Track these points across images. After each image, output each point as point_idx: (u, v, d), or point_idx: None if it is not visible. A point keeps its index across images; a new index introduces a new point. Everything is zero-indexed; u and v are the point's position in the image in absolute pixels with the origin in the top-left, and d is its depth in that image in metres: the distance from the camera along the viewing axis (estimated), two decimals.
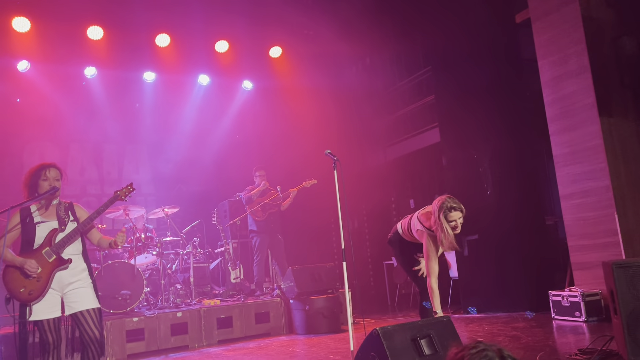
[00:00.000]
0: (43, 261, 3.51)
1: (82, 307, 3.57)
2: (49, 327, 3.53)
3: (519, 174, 6.79)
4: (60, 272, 3.57)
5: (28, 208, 3.64)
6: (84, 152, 9.46)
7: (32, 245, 3.54)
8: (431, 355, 3.50)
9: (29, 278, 3.46)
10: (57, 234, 3.59)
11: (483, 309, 6.87)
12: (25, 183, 3.64)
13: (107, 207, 3.80)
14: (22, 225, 3.57)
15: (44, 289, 3.48)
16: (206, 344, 6.26)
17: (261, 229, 7.54)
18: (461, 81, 7.30)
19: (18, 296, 3.44)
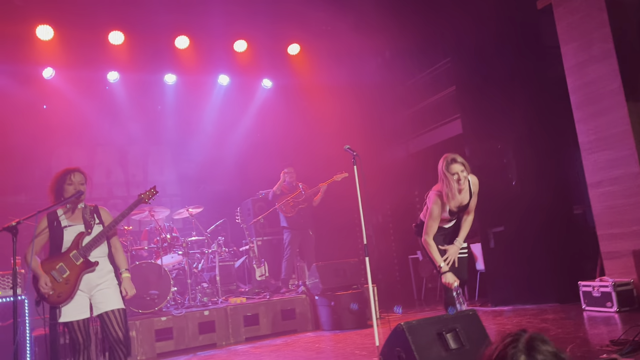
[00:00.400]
0: (71, 264, 3.60)
1: (107, 308, 3.66)
2: (79, 327, 3.62)
3: (544, 163, 6.65)
4: (88, 274, 3.65)
5: (55, 212, 3.73)
6: (109, 155, 9.63)
7: (60, 248, 3.64)
8: (457, 349, 3.47)
9: (60, 280, 3.55)
10: (83, 237, 3.68)
11: (511, 301, 6.77)
12: (52, 188, 3.73)
13: (131, 210, 3.87)
14: (50, 229, 3.67)
15: (72, 291, 3.57)
16: (233, 342, 6.32)
17: (292, 225, 7.57)
18: (482, 71, 7.19)
19: (47, 299, 3.54)
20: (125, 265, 3.92)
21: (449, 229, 4.28)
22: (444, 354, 3.42)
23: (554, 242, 6.46)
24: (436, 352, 3.41)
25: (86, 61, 8.05)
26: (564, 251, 6.42)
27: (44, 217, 3.69)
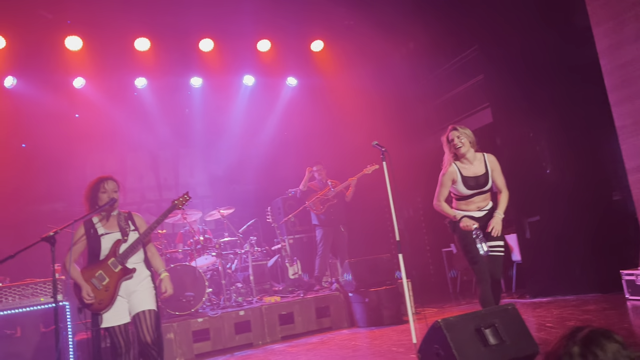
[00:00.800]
0: (110, 271, 3.69)
1: (140, 309, 3.75)
2: (120, 332, 3.70)
3: (580, 149, 6.45)
4: (126, 280, 3.73)
5: (90, 220, 3.81)
6: (140, 160, 9.80)
7: (98, 256, 3.73)
8: (497, 344, 3.40)
9: (100, 288, 3.64)
10: (120, 245, 3.76)
11: (550, 292, 6.61)
12: (86, 197, 3.82)
13: (165, 217, 3.95)
14: (87, 238, 3.76)
15: (112, 298, 3.65)
16: (270, 341, 6.35)
17: (322, 222, 7.55)
18: (511, 57, 7.02)
19: (89, 306, 3.63)
20: (163, 267, 4.08)
21: (481, 219, 4.17)
22: (483, 350, 3.36)
23: (594, 230, 6.27)
24: (475, 348, 3.35)
25: (114, 69, 8.21)
26: (604, 239, 6.22)
27: (80, 226, 3.79)
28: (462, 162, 4.19)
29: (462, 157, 4.17)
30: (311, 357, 5.04)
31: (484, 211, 4.21)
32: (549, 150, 6.65)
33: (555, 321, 4.91)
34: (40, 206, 8.53)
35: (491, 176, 4.20)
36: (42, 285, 5.52)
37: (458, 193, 4.23)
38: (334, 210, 7.56)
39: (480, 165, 4.19)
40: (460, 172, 4.17)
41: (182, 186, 9.97)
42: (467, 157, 4.18)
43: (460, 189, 4.18)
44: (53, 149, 8.52)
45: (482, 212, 4.20)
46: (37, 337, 5.27)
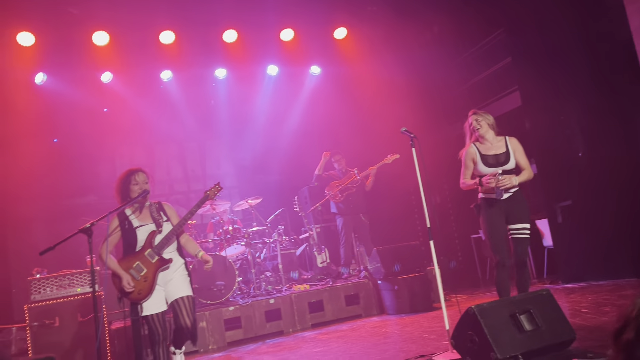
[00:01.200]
0: (147, 262, 3.78)
1: (178, 295, 3.86)
2: (158, 320, 3.80)
3: (613, 131, 6.27)
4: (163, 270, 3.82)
5: (124, 212, 3.89)
6: (168, 152, 9.94)
7: (134, 247, 3.82)
8: (533, 330, 3.36)
9: (138, 278, 3.73)
10: (155, 236, 3.86)
11: (583, 277, 6.49)
12: (118, 190, 3.89)
13: (199, 207, 4.02)
14: (122, 229, 3.84)
15: (151, 288, 3.75)
16: (300, 329, 6.41)
17: (341, 210, 7.56)
18: (539, 38, 6.86)
19: (129, 296, 3.72)
20: (199, 248, 4.20)
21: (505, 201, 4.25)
22: (519, 336, 3.32)
23: (629, 213, 6.10)
24: (510, 334, 3.31)
25: (140, 62, 8.30)
26: (638, 222, 6.07)
27: (114, 218, 3.87)
28: (482, 142, 4.39)
29: (482, 138, 4.37)
30: (342, 344, 5.07)
31: (508, 192, 4.27)
32: (580, 134, 6.49)
33: (591, 307, 4.82)
34: (73, 200, 8.73)
35: (514, 157, 4.30)
36: (78, 276, 5.66)
37: (479, 173, 4.35)
38: (353, 199, 7.54)
39: (501, 146, 4.34)
40: (479, 151, 4.36)
41: (209, 177, 10.08)
42: (487, 137, 4.36)
43: (481, 168, 4.33)
44: (83, 143, 8.70)
45: (508, 193, 4.27)
46: (75, 326, 5.42)
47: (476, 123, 4.37)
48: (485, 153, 4.33)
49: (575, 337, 3.44)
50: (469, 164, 4.39)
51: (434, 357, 3.86)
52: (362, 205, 7.67)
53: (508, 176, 4.20)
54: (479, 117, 4.40)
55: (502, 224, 4.29)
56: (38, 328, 5.31)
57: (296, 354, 4.92)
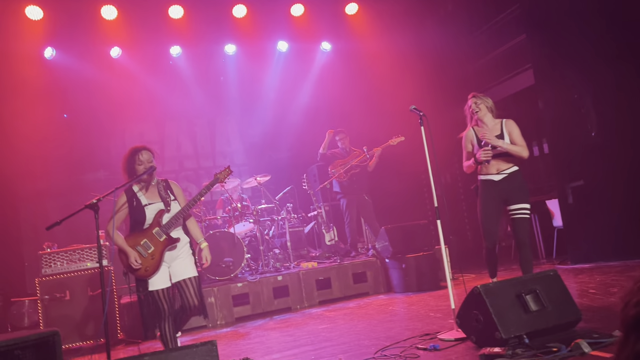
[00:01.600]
0: (155, 240, 3.82)
1: (184, 276, 3.92)
2: (163, 295, 3.84)
3: (628, 111, 6.13)
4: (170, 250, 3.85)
5: (132, 189, 3.91)
6: (178, 128, 9.93)
7: (142, 225, 3.86)
8: (538, 310, 3.34)
9: (146, 255, 3.76)
10: (164, 215, 3.91)
11: (592, 258, 6.44)
12: (124, 168, 3.91)
13: (209, 190, 4.05)
14: (130, 207, 3.86)
15: (158, 265, 3.79)
16: (307, 305, 6.46)
17: (345, 190, 7.54)
18: (554, 15, 6.69)
19: (136, 273, 3.76)
20: (202, 237, 4.23)
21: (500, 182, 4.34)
22: (525, 316, 3.30)
23: None
24: (516, 314, 3.30)
25: (149, 38, 8.25)
26: None
27: (122, 194, 3.89)
28: (480, 126, 4.48)
29: (480, 121, 4.46)
30: (349, 320, 5.10)
31: (502, 174, 4.36)
32: (595, 112, 6.37)
33: (598, 287, 4.79)
34: (84, 175, 8.80)
35: (509, 139, 4.35)
36: (88, 251, 5.73)
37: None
38: (357, 179, 7.51)
39: (497, 129, 4.41)
40: (477, 134, 4.45)
41: (219, 154, 10.09)
42: (485, 121, 4.44)
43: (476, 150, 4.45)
44: (93, 118, 8.72)
45: (502, 175, 4.36)
46: (85, 300, 5.51)
47: (475, 106, 4.43)
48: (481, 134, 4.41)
49: (581, 317, 3.42)
50: (467, 145, 4.53)
51: (439, 335, 3.87)
52: (365, 185, 7.64)
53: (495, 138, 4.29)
54: (478, 100, 4.45)
55: (496, 208, 4.39)
56: (49, 301, 5.41)
57: (302, 330, 4.97)
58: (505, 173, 4.35)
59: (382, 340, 3.99)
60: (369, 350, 3.76)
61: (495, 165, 4.35)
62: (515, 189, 4.31)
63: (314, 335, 4.63)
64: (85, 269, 5.63)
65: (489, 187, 4.38)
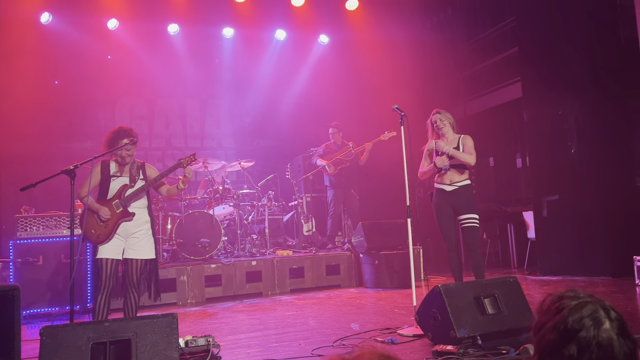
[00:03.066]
0: (112, 211, 3.95)
1: (135, 256, 3.99)
2: (107, 266, 3.91)
3: (608, 130, 6.30)
4: (125, 222, 3.95)
5: (108, 164, 3.98)
6: (168, 106, 9.92)
7: (106, 195, 3.98)
8: (494, 314, 3.46)
9: (100, 224, 3.83)
10: (126, 190, 4.00)
11: (561, 271, 6.60)
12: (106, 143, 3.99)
13: (170, 172, 4.17)
14: (101, 177, 3.94)
15: (109, 234, 3.89)
16: (278, 292, 6.55)
17: (334, 184, 7.60)
18: (547, 31, 6.81)
19: (89, 237, 3.89)
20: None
21: (452, 192, 4.71)
22: (480, 318, 3.42)
23: (612, 214, 6.19)
24: (472, 315, 3.41)
25: (148, 13, 8.24)
26: (621, 224, 6.15)
27: (98, 164, 3.96)
28: (442, 139, 4.81)
29: (443, 136, 4.79)
30: (316, 310, 5.20)
31: (454, 186, 4.72)
32: (576, 130, 6.50)
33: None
34: (70, 144, 8.78)
35: (463, 149, 4.71)
36: (65, 218, 5.77)
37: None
38: (346, 173, 7.55)
39: (455, 141, 4.77)
40: (436, 147, 4.80)
41: (207, 136, 10.10)
42: (447, 135, 4.78)
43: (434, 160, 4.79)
44: (84, 88, 8.69)
45: (453, 186, 4.72)
46: (57, 266, 5.55)
47: (440, 122, 4.77)
48: (440, 147, 4.76)
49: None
50: (426, 155, 4.89)
51: (399, 330, 3.98)
52: (354, 179, 7.69)
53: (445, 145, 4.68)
54: (442, 116, 4.81)
55: (449, 213, 4.76)
56: (21, 264, 5.44)
57: (269, 315, 5.06)
58: (456, 185, 4.72)
59: (344, 331, 4.10)
60: (329, 338, 3.86)
61: (449, 176, 4.71)
62: (465, 201, 4.68)
63: (279, 321, 4.72)
64: (60, 236, 5.66)
65: (441, 196, 4.78)
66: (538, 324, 1.31)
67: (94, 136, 9.01)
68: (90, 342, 2.50)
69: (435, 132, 4.85)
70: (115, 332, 2.58)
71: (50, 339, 2.45)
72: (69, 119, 8.63)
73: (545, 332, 1.26)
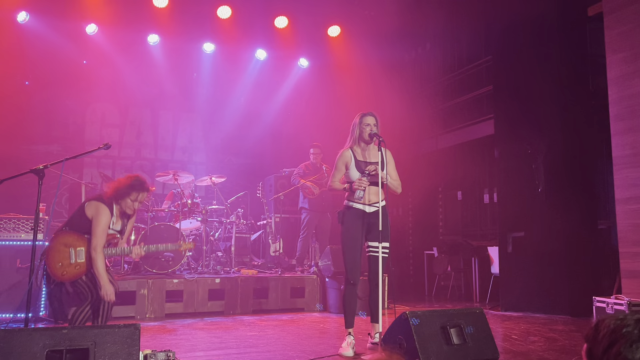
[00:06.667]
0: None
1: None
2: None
3: (574, 173, 6.51)
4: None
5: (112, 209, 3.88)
6: (141, 116, 9.78)
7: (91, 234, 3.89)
8: (459, 344, 3.46)
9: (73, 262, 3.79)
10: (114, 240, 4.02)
11: (522, 308, 6.69)
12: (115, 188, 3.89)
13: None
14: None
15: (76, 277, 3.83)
16: (240, 312, 6.42)
17: (312, 207, 7.51)
18: (522, 73, 7.04)
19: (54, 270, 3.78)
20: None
21: (371, 214, 4.13)
22: (445, 348, 3.41)
23: (574, 255, 6.34)
24: (438, 344, 3.40)
25: (129, 21, 8.18)
26: (583, 264, 6.31)
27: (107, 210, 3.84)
28: (362, 147, 4.22)
29: (368, 143, 4.20)
30: (278, 331, 5.10)
31: (374, 207, 4.14)
32: (544, 169, 6.69)
33: (521, 335, 4.98)
34: (36, 146, 8.54)
35: (388, 169, 4.15)
36: (25, 222, 5.55)
37: (350, 179, 4.16)
38: (325, 196, 7.54)
39: (375, 155, 4.19)
40: (355, 157, 4.19)
41: (179, 149, 9.98)
42: (369, 145, 4.22)
43: (352, 174, 4.14)
44: (56, 91, 8.51)
45: (373, 207, 4.14)
46: (12, 271, 5.31)
47: (374, 126, 4.17)
48: (360, 159, 4.18)
49: (498, 357, 3.55)
50: (341, 167, 4.20)
51: (362, 356, 3.93)
52: (330, 203, 7.68)
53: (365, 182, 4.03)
54: (377, 119, 4.21)
55: (361, 240, 4.16)
56: None
57: (231, 334, 4.94)
58: (376, 206, 4.12)
59: (307, 354, 4.02)
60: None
61: (366, 195, 4.11)
62: (384, 225, 4.00)
63: (240, 340, 4.61)
64: (17, 239, 5.44)
65: (358, 217, 4.14)
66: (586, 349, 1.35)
67: (61, 140, 8.80)
68: (46, 349, 2.37)
69: (361, 138, 4.19)
70: (73, 340, 2.47)
71: (3, 344, 2.31)
72: (36, 121, 8.42)
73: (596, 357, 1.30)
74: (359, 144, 4.22)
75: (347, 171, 4.19)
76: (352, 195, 4.12)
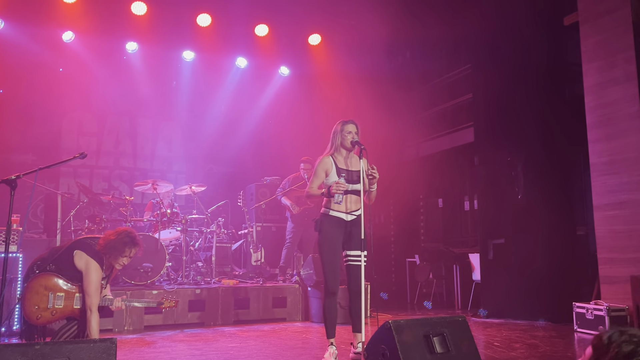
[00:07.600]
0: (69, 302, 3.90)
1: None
2: None
3: (552, 180, 6.59)
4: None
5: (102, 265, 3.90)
6: (120, 125, 9.63)
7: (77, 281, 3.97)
8: (443, 353, 3.43)
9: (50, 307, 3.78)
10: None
11: (503, 314, 6.72)
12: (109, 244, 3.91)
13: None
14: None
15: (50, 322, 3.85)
16: (221, 323, 6.32)
17: (298, 219, 7.46)
18: (501, 81, 7.12)
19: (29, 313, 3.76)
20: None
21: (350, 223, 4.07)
22: (429, 357, 3.38)
23: (553, 261, 6.40)
24: (421, 353, 3.37)
25: (107, 28, 8.08)
26: (562, 271, 6.37)
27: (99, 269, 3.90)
28: (343, 154, 4.17)
29: (349, 150, 4.14)
30: (260, 343, 5.03)
31: (353, 215, 4.09)
32: (523, 176, 6.76)
33: (503, 342, 4.99)
34: (9, 155, 8.34)
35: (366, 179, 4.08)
36: None
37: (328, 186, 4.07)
38: (309, 212, 7.44)
39: (357, 163, 4.13)
40: (335, 164, 4.11)
41: (158, 158, 9.85)
42: (350, 153, 4.16)
43: (332, 181, 4.05)
44: (31, 99, 8.35)
45: (352, 215, 4.09)
46: None
47: (356, 134, 4.13)
48: (340, 166, 4.11)
49: None
50: (320, 174, 4.11)
51: None
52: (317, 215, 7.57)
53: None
54: (358, 127, 4.17)
55: (340, 247, 4.09)
56: None
57: (211, 346, 4.85)
58: (354, 215, 4.08)
59: None
60: None
61: (344, 203, 4.05)
62: (360, 233, 3.97)
63: (221, 352, 4.53)
64: None
65: (337, 225, 4.06)
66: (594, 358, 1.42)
67: (36, 149, 8.62)
68: None
69: (342, 145, 4.13)
70: (47, 356, 2.38)
71: None
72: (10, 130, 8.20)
73: None
74: (340, 151, 4.16)
75: (326, 178, 4.11)
76: (330, 203, 4.07)
